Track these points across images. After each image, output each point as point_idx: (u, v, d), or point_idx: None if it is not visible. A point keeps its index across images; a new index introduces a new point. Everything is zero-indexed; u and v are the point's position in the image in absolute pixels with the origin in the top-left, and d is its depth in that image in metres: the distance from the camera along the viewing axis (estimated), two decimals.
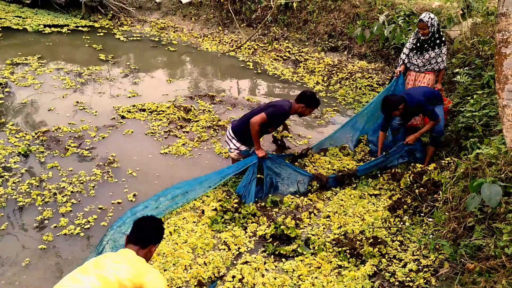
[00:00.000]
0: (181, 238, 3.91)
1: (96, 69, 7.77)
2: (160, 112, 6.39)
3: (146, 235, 2.79)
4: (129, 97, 6.86)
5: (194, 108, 6.61)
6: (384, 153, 5.05)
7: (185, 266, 3.61)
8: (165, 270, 3.55)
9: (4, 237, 3.95)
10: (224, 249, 3.87)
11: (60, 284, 2.40)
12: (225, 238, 3.98)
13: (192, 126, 6.12)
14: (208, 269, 3.60)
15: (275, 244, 3.98)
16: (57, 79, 7.24)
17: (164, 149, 5.45)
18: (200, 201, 4.48)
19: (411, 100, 4.86)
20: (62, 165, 4.98)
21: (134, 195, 4.62)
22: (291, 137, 5.84)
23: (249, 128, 4.48)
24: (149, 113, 6.35)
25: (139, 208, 4.17)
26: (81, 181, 4.75)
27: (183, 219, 4.18)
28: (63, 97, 6.67)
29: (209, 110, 6.62)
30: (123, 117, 6.19)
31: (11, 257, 3.73)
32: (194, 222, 4.17)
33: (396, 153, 5.05)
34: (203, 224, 4.12)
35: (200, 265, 3.64)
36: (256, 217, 4.32)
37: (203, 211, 4.31)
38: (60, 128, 5.70)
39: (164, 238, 3.86)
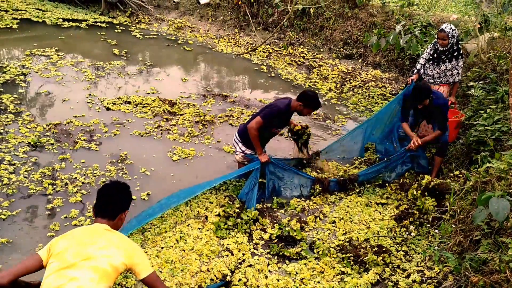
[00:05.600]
0: (188, 245, 3.83)
1: (118, 64, 7.90)
2: (145, 105, 6.47)
3: (113, 206, 2.61)
4: (148, 93, 6.96)
5: (178, 102, 6.71)
6: (386, 159, 5.04)
7: (193, 272, 3.54)
8: (173, 276, 3.48)
9: (16, 223, 4.04)
10: (227, 256, 3.81)
11: (53, 285, 2.25)
12: (228, 244, 3.92)
13: (178, 119, 6.21)
14: (211, 274, 3.55)
15: (280, 245, 3.99)
16: (78, 71, 7.38)
17: (171, 155, 5.42)
18: (203, 208, 4.42)
19: (437, 100, 4.81)
20: (72, 158, 5.06)
21: (148, 194, 4.65)
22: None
23: None
24: (134, 106, 6.43)
25: (143, 214, 4.04)
26: (95, 174, 4.82)
27: (187, 226, 4.11)
28: (86, 89, 6.82)
29: (193, 105, 6.72)
30: (108, 108, 6.27)
31: (23, 242, 3.81)
32: (199, 228, 4.10)
33: (399, 158, 5.04)
34: (207, 230, 4.07)
35: (203, 272, 3.57)
36: (259, 223, 4.26)
37: (206, 217, 4.25)
38: (72, 122, 5.78)
39: (172, 246, 3.82)
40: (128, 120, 6.04)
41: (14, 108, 5.91)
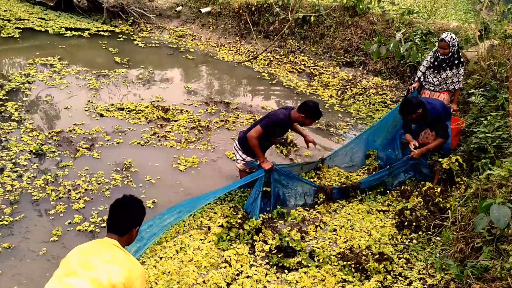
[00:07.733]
0: (187, 256, 3.78)
1: (122, 72, 7.95)
2: (139, 112, 6.50)
3: (125, 222, 2.63)
4: (153, 101, 7.00)
5: (172, 108, 6.73)
6: (388, 166, 5.05)
7: (189, 285, 3.50)
8: None
9: (18, 228, 4.07)
10: (225, 267, 3.76)
11: None
12: (228, 255, 3.87)
13: (172, 125, 6.24)
14: (207, 286, 3.51)
15: (279, 256, 3.96)
16: (82, 80, 7.44)
17: (177, 165, 5.40)
18: (207, 218, 4.40)
19: (432, 109, 4.78)
20: (75, 166, 5.09)
21: (154, 202, 4.66)
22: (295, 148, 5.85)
23: None
24: (128, 112, 6.46)
25: (143, 227, 3.93)
26: (99, 182, 4.84)
27: (189, 236, 4.08)
28: (92, 96, 6.87)
29: (187, 111, 6.74)
30: (101, 115, 6.30)
31: (26, 248, 3.85)
32: (201, 239, 4.06)
33: (401, 166, 5.04)
34: (209, 242, 4.02)
35: (199, 284, 3.52)
36: (261, 233, 4.21)
37: (209, 228, 4.22)
38: (74, 129, 5.81)
39: (171, 257, 3.78)
40: (129, 128, 6.07)
41: (18, 116, 5.96)
